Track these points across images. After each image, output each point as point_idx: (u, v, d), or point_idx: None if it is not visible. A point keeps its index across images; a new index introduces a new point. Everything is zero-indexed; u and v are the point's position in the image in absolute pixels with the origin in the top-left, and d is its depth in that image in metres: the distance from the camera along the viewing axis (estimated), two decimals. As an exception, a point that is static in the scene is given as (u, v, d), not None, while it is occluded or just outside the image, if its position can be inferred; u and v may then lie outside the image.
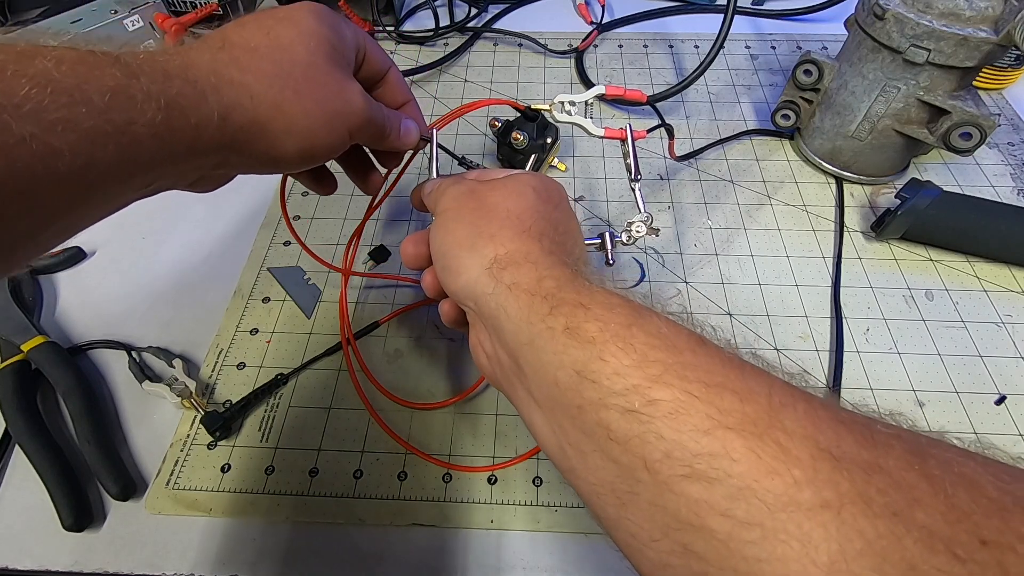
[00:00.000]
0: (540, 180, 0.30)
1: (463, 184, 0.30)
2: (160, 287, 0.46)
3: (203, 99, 0.23)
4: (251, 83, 0.25)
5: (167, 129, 0.22)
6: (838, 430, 0.17)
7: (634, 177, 0.38)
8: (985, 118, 0.41)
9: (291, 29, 0.27)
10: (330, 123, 0.28)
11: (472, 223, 0.27)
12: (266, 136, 0.26)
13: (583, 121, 0.39)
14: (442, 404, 0.38)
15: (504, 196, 0.28)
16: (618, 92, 0.40)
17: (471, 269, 0.26)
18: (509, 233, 0.26)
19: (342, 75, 0.29)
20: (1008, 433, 0.37)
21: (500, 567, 0.33)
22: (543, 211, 0.28)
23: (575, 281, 0.24)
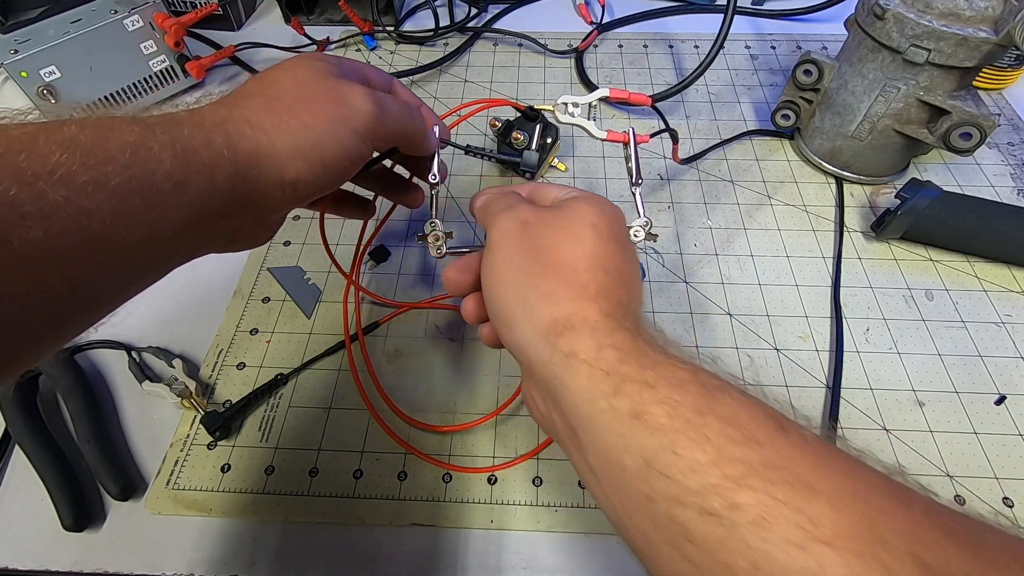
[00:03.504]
0: (599, 213, 0.27)
1: (515, 214, 0.27)
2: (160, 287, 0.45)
3: (211, 137, 0.24)
4: (248, 114, 0.26)
5: (183, 173, 0.23)
6: (945, 545, 0.16)
7: (635, 181, 0.38)
8: (985, 118, 0.41)
9: (281, 71, 0.29)
10: (333, 129, 0.28)
11: (525, 272, 0.25)
12: (273, 160, 0.26)
13: (586, 123, 0.39)
14: (450, 429, 0.38)
15: (560, 238, 0.26)
16: (622, 95, 0.40)
17: (525, 328, 0.25)
18: (565, 292, 0.24)
19: (336, 82, 0.29)
20: (1008, 433, 0.37)
21: (500, 567, 0.33)
22: (602, 257, 0.26)
23: (638, 351, 0.22)
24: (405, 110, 0.31)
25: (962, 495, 0.34)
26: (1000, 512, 0.34)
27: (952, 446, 0.36)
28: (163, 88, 0.59)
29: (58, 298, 0.20)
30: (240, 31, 0.70)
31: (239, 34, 0.69)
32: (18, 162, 0.19)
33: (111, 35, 0.53)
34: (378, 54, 0.66)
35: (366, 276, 0.46)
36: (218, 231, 0.27)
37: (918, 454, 0.36)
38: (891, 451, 0.36)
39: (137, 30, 0.54)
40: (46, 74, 0.51)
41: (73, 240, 0.19)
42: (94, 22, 0.52)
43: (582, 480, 0.25)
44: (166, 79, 0.59)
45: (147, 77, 0.57)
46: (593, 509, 0.34)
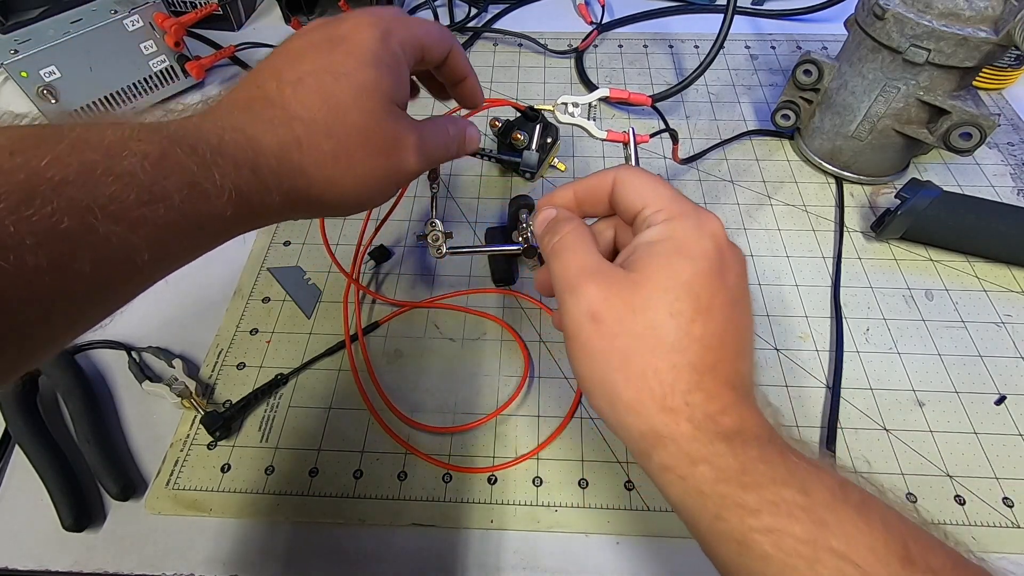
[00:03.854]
0: (682, 283, 0.22)
1: (582, 303, 0.23)
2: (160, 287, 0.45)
3: (267, 188, 0.24)
4: (309, 167, 0.25)
5: (234, 216, 0.23)
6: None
7: None
8: (985, 118, 0.41)
9: (348, 86, 0.26)
10: (381, 187, 0.28)
11: (604, 379, 0.23)
12: (320, 205, 0.26)
13: (586, 123, 0.39)
14: (450, 429, 0.38)
15: (636, 335, 0.22)
16: (622, 95, 0.40)
17: (618, 432, 0.24)
18: (650, 403, 0.22)
19: (396, 131, 0.27)
20: (1008, 433, 0.37)
21: (500, 567, 0.33)
22: (689, 344, 0.22)
23: (737, 465, 0.20)
24: (447, 147, 0.30)
25: (962, 495, 0.34)
26: (1000, 512, 0.34)
27: (952, 446, 0.36)
28: (163, 88, 0.59)
29: (86, 320, 0.21)
30: (240, 31, 0.70)
31: (239, 34, 0.69)
32: (73, 192, 0.18)
33: (111, 35, 0.53)
34: (378, 54, 0.66)
35: (366, 276, 0.46)
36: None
37: (918, 454, 0.36)
38: (891, 451, 0.36)
39: (137, 30, 0.54)
40: (46, 74, 0.51)
41: (117, 271, 0.20)
42: (94, 22, 0.52)
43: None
44: (166, 79, 0.59)
45: (147, 77, 0.57)
46: (593, 509, 0.34)
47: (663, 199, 0.25)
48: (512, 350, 0.41)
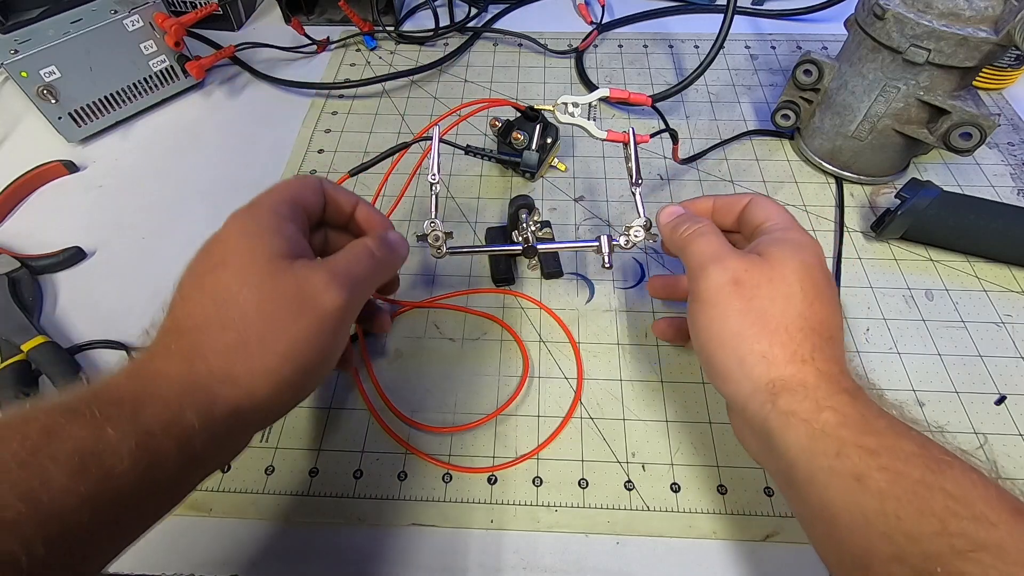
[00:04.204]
0: (806, 269, 0.27)
1: (725, 269, 0.28)
2: (160, 287, 0.45)
3: (181, 417, 0.22)
4: (212, 366, 0.23)
5: (142, 465, 0.21)
6: None
7: (635, 181, 0.38)
8: (985, 118, 0.41)
9: (227, 272, 0.25)
10: (310, 347, 0.25)
11: (740, 334, 0.27)
12: (258, 402, 0.24)
13: (586, 123, 0.39)
14: (450, 430, 0.38)
15: (772, 297, 0.27)
16: (622, 95, 0.40)
17: (743, 384, 0.26)
18: (781, 353, 0.26)
19: (294, 274, 0.25)
20: (1008, 433, 0.37)
21: (500, 567, 0.33)
22: (811, 315, 0.26)
23: (858, 415, 0.23)
24: (373, 265, 0.28)
25: (962, 495, 0.34)
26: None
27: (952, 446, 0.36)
28: (163, 88, 0.59)
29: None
30: (240, 31, 0.70)
31: (239, 34, 0.69)
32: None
33: (111, 35, 0.53)
34: (378, 54, 0.66)
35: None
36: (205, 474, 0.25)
37: (918, 454, 0.36)
38: (891, 451, 0.36)
39: (137, 30, 0.54)
40: (46, 74, 0.51)
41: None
42: (94, 22, 0.52)
43: (796, 517, 0.26)
44: (166, 79, 0.59)
45: (147, 77, 0.57)
46: (593, 509, 0.34)
47: (784, 217, 0.31)
48: (512, 350, 0.41)
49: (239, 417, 0.24)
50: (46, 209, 0.51)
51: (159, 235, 0.49)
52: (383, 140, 0.56)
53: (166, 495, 0.23)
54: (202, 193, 0.52)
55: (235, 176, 0.54)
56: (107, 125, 0.57)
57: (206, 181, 0.53)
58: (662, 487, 0.35)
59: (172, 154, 0.56)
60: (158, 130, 0.58)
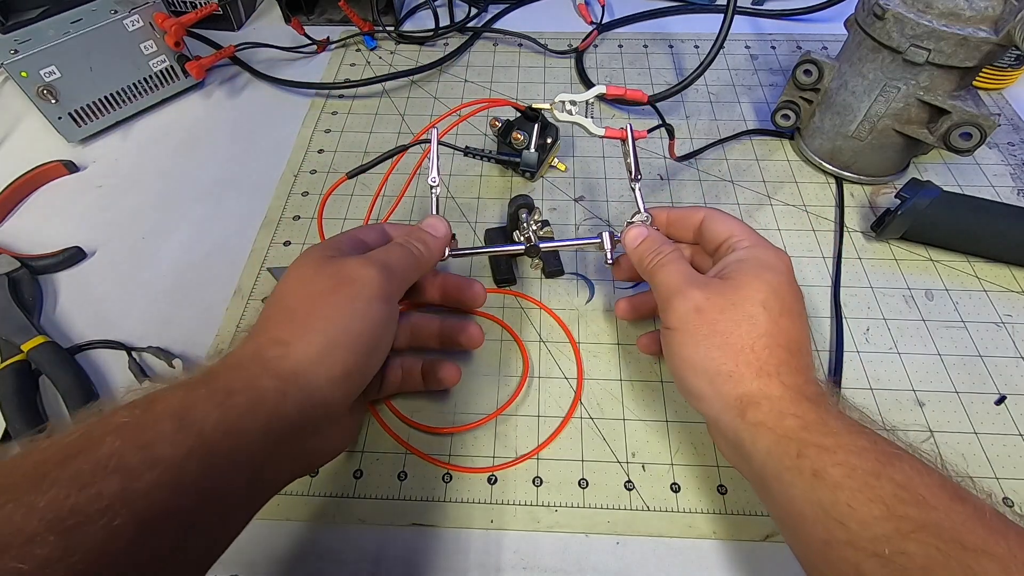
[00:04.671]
0: (770, 290, 0.29)
1: (688, 300, 0.30)
2: (160, 287, 0.46)
3: (251, 371, 0.26)
4: (274, 335, 0.28)
5: (234, 421, 0.24)
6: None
7: (634, 177, 0.38)
8: (985, 118, 0.41)
9: (288, 276, 0.30)
10: (352, 309, 0.29)
11: (708, 357, 0.29)
12: (310, 366, 0.27)
13: (584, 121, 0.39)
14: (450, 430, 0.38)
15: (735, 321, 0.28)
16: (619, 92, 0.40)
17: (714, 402, 0.29)
18: (747, 371, 0.28)
19: (336, 263, 0.30)
20: (1008, 433, 0.37)
21: (500, 567, 0.33)
22: (776, 332, 0.28)
23: (819, 420, 0.25)
24: (405, 252, 0.32)
25: (962, 495, 0.34)
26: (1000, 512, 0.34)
27: (952, 446, 0.36)
28: (163, 88, 0.59)
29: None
30: (240, 31, 0.70)
31: (239, 34, 0.69)
32: (77, 465, 0.20)
33: (111, 35, 0.53)
34: (378, 54, 0.66)
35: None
36: (295, 456, 0.28)
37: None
38: (891, 451, 0.36)
39: (137, 30, 0.54)
40: (46, 74, 0.51)
41: (133, 525, 0.20)
42: (94, 22, 0.52)
43: (772, 519, 0.28)
44: (166, 79, 0.59)
45: (147, 77, 0.57)
46: (593, 509, 0.34)
47: (746, 232, 0.32)
48: (512, 350, 0.41)
49: (300, 376, 0.26)
50: (46, 209, 0.51)
51: (159, 235, 0.49)
52: (383, 140, 0.56)
53: (256, 467, 0.25)
54: (202, 193, 0.52)
55: (235, 176, 0.54)
56: (107, 125, 0.57)
57: (206, 181, 0.53)
58: (662, 487, 0.35)
59: (172, 154, 0.56)
60: (158, 130, 0.58)
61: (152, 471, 0.21)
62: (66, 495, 0.19)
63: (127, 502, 0.20)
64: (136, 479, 0.20)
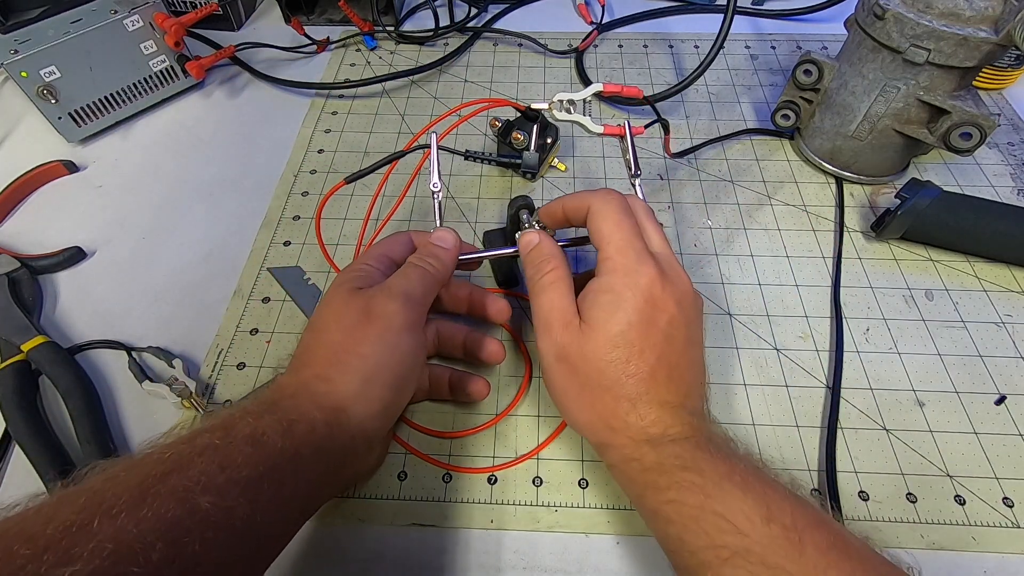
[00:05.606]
0: (624, 326, 0.29)
1: (552, 344, 0.31)
2: (160, 287, 0.46)
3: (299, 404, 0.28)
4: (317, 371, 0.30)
5: (292, 447, 0.27)
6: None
7: (634, 173, 0.38)
8: (985, 118, 0.41)
9: (323, 309, 0.32)
10: (383, 343, 0.30)
11: (565, 403, 0.31)
12: (352, 401, 0.29)
13: (582, 119, 0.39)
14: (451, 435, 0.38)
15: (588, 373, 0.30)
16: (616, 89, 0.40)
17: (586, 437, 0.32)
18: (598, 421, 0.30)
19: (362, 298, 0.31)
20: (1008, 433, 0.37)
21: (500, 567, 0.33)
22: (634, 371, 0.29)
23: (655, 460, 0.28)
24: (421, 273, 0.33)
25: (962, 495, 0.34)
26: (1000, 512, 0.34)
27: (952, 446, 0.36)
28: (163, 88, 0.59)
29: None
30: (240, 31, 0.70)
31: (239, 34, 0.69)
32: (174, 482, 0.22)
33: (111, 35, 0.53)
34: (378, 54, 0.66)
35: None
36: (338, 479, 0.31)
37: (918, 454, 0.36)
38: (891, 451, 0.36)
39: (137, 30, 0.54)
40: (46, 74, 0.51)
41: (221, 535, 0.23)
42: (94, 22, 0.52)
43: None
44: (166, 79, 0.59)
45: (147, 77, 0.57)
46: (593, 509, 0.34)
47: (613, 246, 0.31)
48: (513, 351, 0.41)
49: (343, 412, 0.29)
50: (46, 209, 0.51)
51: (159, 235, 0.49)
52: (383, 140, 0.56)
53: (308, 489, 0.28)
54: (202, 193, 0.52)
55: (235, 176, 0.54)
56: (107, 125, 0.57)
57: (206, 181, 0.53)
58: (662, 487, 0.35)
59: (172, 154, 0.56)
60: (158, 130, 0.58)
61: (234, 488, 0.23)
62: (167, 509, 0.22)
63: (217, 517, 0.22)
64: (223, 497, 0.23)
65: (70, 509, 0.21)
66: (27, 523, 0.21)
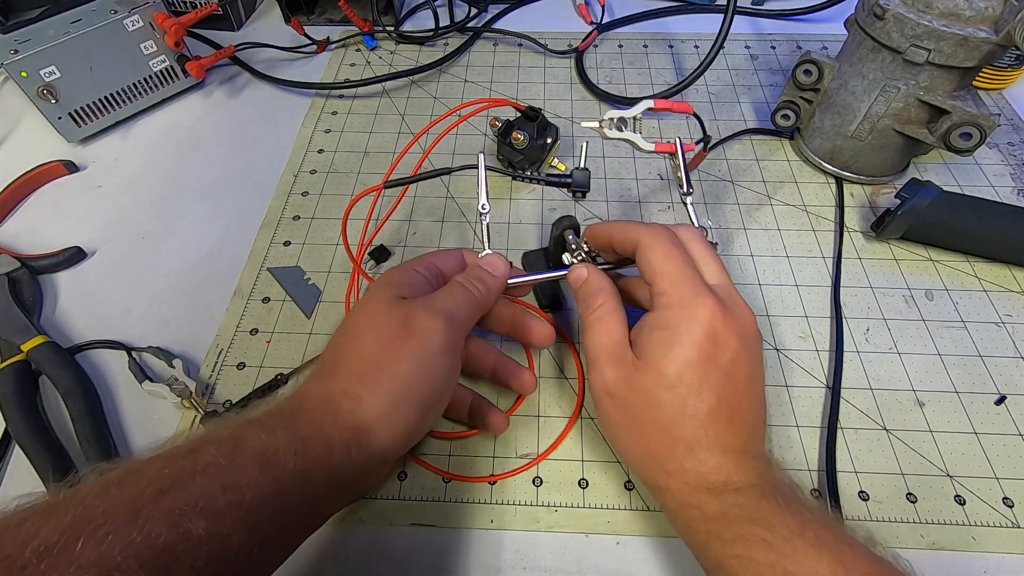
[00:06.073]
0: (682, 365, 0.27)
1: (602, 380, 0.30)
2: (160, 287, 0.46)
3: (319, 420, 0.27)
4: (345, 385, 0.29)
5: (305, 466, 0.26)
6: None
7: (685, 191, 0.37)
8: (985, 118, 0.41)
9: (358, 314, 0.31)
10: (419, 366, 0.29)
11: (617, 440, 0.31)
12: (378, 424, 0.28)
13: (633, 136, 0.38)
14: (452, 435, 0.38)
15: (642, 409, 0.28)
16: (666, 105, 0.39)
17: (632, 473, 0.32)
18: (652, 464, 0.29)
19: (404, 310, 0.30)
20: (1008, 433, 0.37)
21: (500, 567, 0.33)
22: (692, 413, 0.27)
23: (718, 510, 0.26)
24: (467, 296, 0.32)
25: (962, 495, 0.34)
26: (1000, 512, 0.34)
27: (952, 446, 0.36)
28: (163, 88, 0.59)
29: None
30: (240, 31, 0.70)
31: (239, 34, 0.69)
32: (169, 503, 0.21)
33: (111, 35, 0.53)
34: (378, 54, 0.66)
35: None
36: (347, 496, 0.30)
37: (918, 454, 0.36)
38: (891, 451, 0.36)
39: (137, 30, 0.54)
40: (46, 74, 0.51)
41: (213, 564, 0.22)
42: (94, 22, 0.52)
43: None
44: (166, 79, 0.59)
45: (147, 77, 0.57)
46: (593, 509, 0.34)
47: (667, 280, 0.29)
48: (514, 351, 0.41)
49: (366, 434, 0.28)
50: (46, 209, 0.51)
51: (159, 235, 0.49)
52: (383, 140, 0.56)
53: (315, 509, 0.27)
54: (202, 193, 0.52)
55: (235, 176, 0.54)
56: (107, 125, 0.57)
57: (206, 181, 0.53)
58: (662, 487, 0.35)
59: (172, 154, 0.56)
60: (158, 130, 0.58)
61: (235, 513, 0.22)
62: (158, 533, 0.21)
63: (211, 545, 0.22)
64: (220, 522, 0.22)
65: (55, 526, 0.20)
66: (6, 539, 0.20)
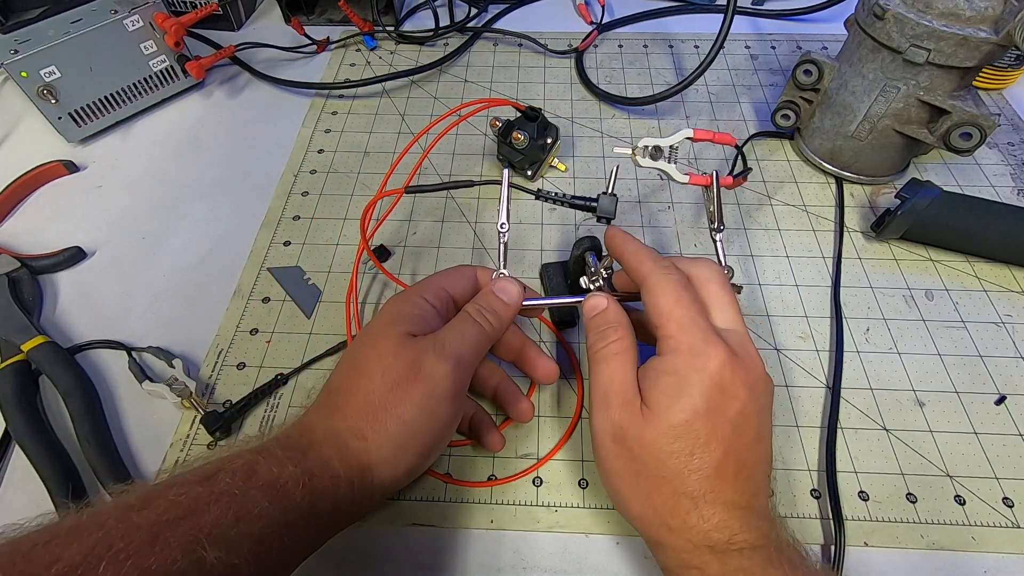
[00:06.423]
0: (690, 415, 0.26)
1: (608, 422, 0.28)
2: (160, 287, 0.46)
3: (326, 455, 0.28)
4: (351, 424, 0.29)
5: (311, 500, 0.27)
6: None
7: (716, 227, 0.36)
8: (985, 118, 0.41)
9: (365, 349, 0.30)
10: (426, 412, 0.29)
11: (619, 489, 0.29)
12: (382, 463, 0.29)
13: (667, 167, 0.36)
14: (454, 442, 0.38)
15: (644, 460, 0.27)
16: (707, 136, 0.37)
17: (632, 523, 0.29)
18: (653, 520, 0.27)
19: (413, 349, 0.30)
20: (1008, 433, 0.37)
21: (500, 567, 0.33)
22: (689, 473, 0.26)
23: (718, 572, 0.25)
24: (478, 331, 0.32)
25: (962, 495, 0.34)
26: (1000, 512, 0.34)
27: (952, 446, 0.36)
28: (163, 88, 0.59)
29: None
30: (240, 31, 0.70)
31: (239, 34, 0.69)
32: (184, 530, 0.22)
33: (111, 35, 0.53)
34: (378, 54, 0.66)
35: (367, 276, 0.46)
36: (346, 524, 0.30)
37: (918, 454, 0.36)
38: (891, 451, 0.36)
39: (137, 30, 0.54)
40: (46, 74, 0.51)
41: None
42: (94, 22, 0.52)
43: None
44: (166, 79, 0.59)
45: (147, 77, 0.57)
46: (593, 509, 0.34)
47: (674, 323, 0.28)
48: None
49: (370, 472, 0.28)
50: (46, 209, 0.51)
51: (159, 235, 0.49)
52: (383, 140, 0.56)
53: (317, 537, 0.28)
54: (202, 193, 0.52)
55: (235, 176, 0.54)
56: (107, 125, 0.57)
57: (206, 181, 0.53)
58: (662, 487, 0.35)
59: (172, 154, 0.56)
60: (158, 130, 0.58)
61: (246, 543, 0.23)
62: (174, 559, 0.21)
63: (221, 572, 0.22)
64: (232, 551, 0.23)
65: (78, 548, 0.21)
66: (34, 558, 0.21)
